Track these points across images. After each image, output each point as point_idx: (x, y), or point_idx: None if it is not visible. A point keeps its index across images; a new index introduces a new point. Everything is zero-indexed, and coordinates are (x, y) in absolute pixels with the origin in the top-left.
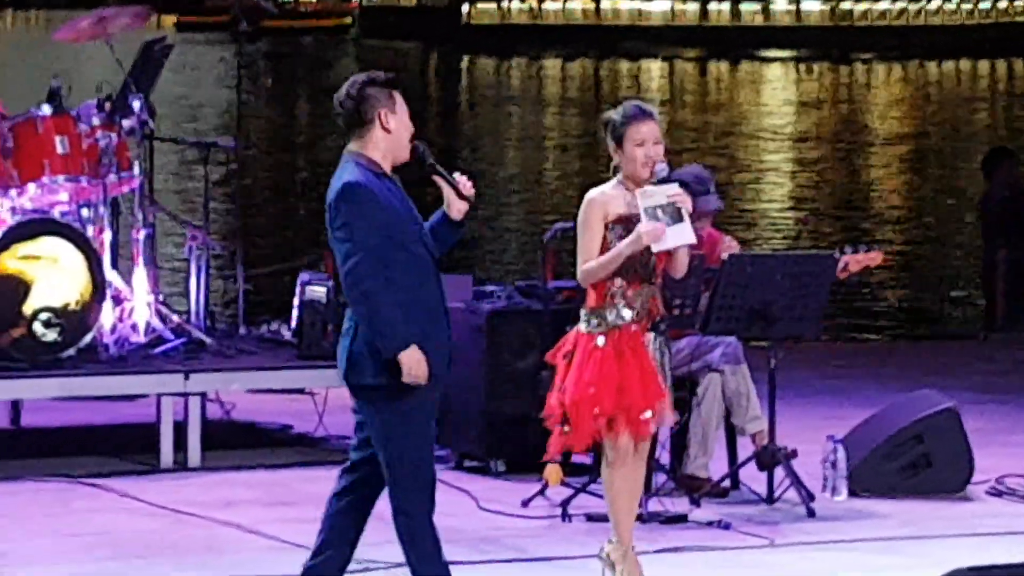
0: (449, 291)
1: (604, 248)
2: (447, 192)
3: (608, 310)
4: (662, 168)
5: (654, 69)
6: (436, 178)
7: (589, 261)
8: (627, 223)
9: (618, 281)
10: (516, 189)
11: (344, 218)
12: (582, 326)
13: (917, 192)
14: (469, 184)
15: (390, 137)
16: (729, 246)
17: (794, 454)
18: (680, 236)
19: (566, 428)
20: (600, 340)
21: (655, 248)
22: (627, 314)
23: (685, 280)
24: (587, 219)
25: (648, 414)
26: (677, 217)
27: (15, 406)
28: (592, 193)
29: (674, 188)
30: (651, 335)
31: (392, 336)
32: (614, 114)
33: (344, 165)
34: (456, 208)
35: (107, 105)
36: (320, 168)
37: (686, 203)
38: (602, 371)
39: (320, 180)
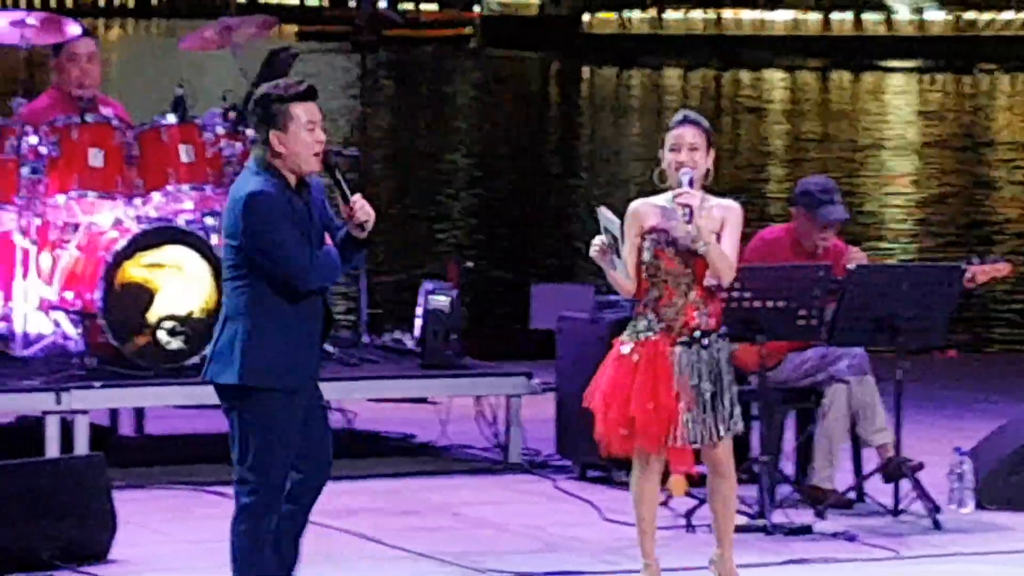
0: (571, 301)
1: (638, 259)
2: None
3: (639, 320)
4: (685, 172)
5: (776, 79)
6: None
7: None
8: (660, 233)
9: (653, 292)
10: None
11: (254, 227)
12: (622, 335)
13: None
14: (364, 212)
15: (282, 157)
16: (855, 257)
17: (920, 466)
18: (619, 267)
19: (622, 431)
20: (624, 348)
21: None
22: (655, 325)
23: (810, 291)
24: (625, 229)
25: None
26: (617, 247)
27: (139, 414)
28: (634, 203)
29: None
30: (677, 348)
31: (331, 264)
32: None
33: (248, 171)
34: (353, 228)
35: (231, 114)
36: (442, 177)
37: (693, 201)
38: (615, 379)
39: (440, 190)
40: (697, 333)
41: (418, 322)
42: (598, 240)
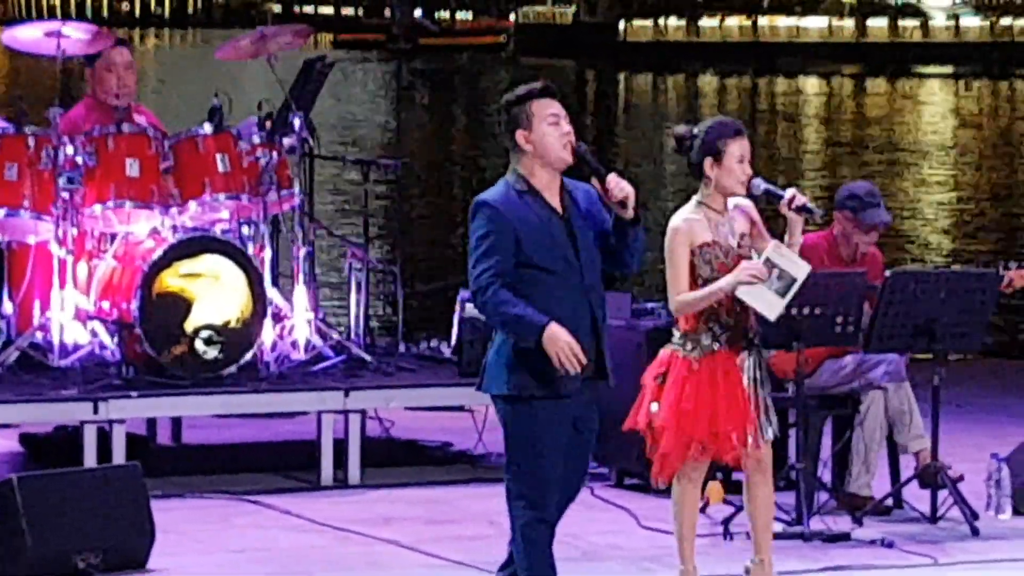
0: (608, 309)
1: (692, 275)
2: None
3: (703, 334)
4: (757, 183)
5: (811, 86)
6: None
7: (683, 292)
8: (715, 248)
9: (713, 304)
10: (673, 206)
11: (473, 233)
12: (678, 350)
13: None
14: (619, 189)
15: (530, 154)
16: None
17: (960, 478)
18: (767, 304)
19: (701, 446)
20: (695, 365)
21: (739, 293)
22: (722, 337)
23: (847, 297)
24: (673, 248)
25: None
26: (784, 290)
27: (176, 423)
28: (675, 221)
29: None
30: (745, 354)
31: (528, 326)
32: (705, 129)
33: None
34: (616, 207)
35: (267, 123)
36: (479, 185)
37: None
38: (698, 397)
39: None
40: (753, 337)
41: (455, 330)
42: (753, 269)
